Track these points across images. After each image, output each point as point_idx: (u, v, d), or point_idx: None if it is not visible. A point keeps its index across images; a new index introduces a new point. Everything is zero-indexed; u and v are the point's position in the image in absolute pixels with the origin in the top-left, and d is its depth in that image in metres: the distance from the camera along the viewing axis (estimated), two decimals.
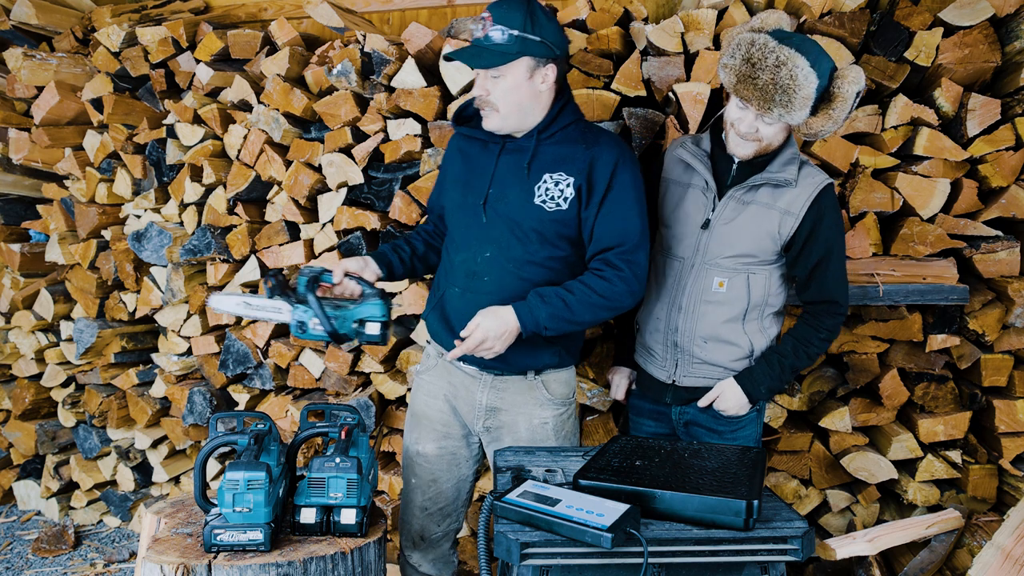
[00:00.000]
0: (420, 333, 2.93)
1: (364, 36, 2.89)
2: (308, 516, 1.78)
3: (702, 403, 2.09)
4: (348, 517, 1.78)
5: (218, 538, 1.66)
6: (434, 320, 2.14)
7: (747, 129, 1.91)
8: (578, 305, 1.92)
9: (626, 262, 1.94)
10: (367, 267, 2.08)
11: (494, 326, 1.89)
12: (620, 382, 2.34)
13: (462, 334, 1.92)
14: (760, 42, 1.83)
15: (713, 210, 2.02)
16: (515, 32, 1.88)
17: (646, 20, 2.73)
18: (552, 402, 2.10)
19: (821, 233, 1.95)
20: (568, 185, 1.96)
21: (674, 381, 2.12)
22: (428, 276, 2.69)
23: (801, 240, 1.96)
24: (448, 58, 1.97)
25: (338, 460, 1.79)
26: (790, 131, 1.96)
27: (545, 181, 1.97)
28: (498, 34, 1.89)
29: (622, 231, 1.95)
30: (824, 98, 1.85)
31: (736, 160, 2.00)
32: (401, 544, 2.29)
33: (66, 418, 3.59)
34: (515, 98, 1.93)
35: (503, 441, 2.12)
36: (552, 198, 1.96)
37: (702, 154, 2.07)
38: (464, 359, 2.06)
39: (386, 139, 2.88)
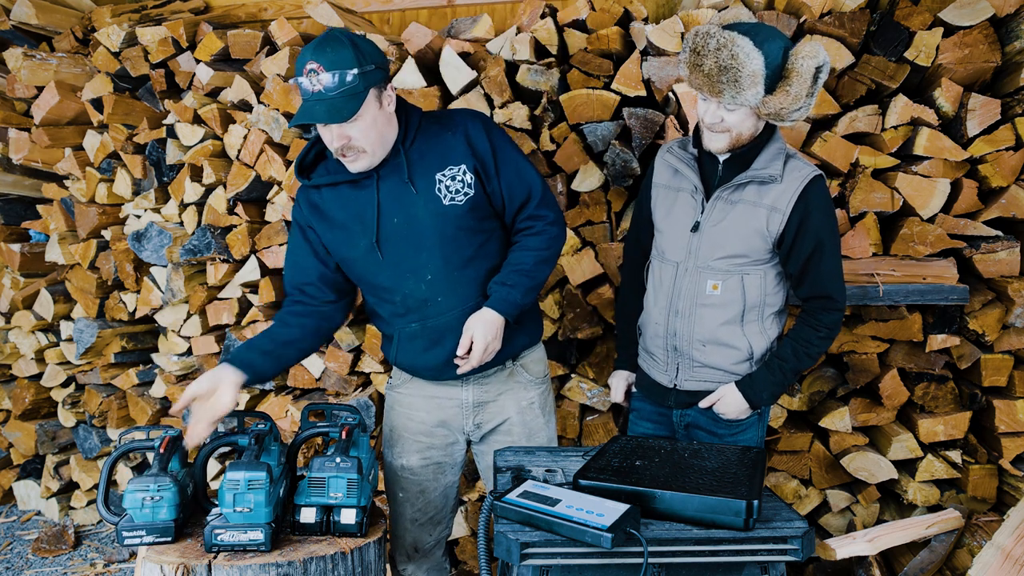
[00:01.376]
0: None
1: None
2: (308, 516, 1.78)
3: (703, 404, 2.08)
4: (348, 517, 1.78)
5: (218, 538, 1.66)
6: (404, 359, 2.08)
7: (712, 119, 1.92)
8: (535, 269, 1.98)
9: (546, 207, 2.03)
10: (222, 385, 1.81)
11: (487, 330, 1.91)
12: (619, 385, 2.34)
13: (459, 351, 1.92)
14: (703, 31, 1.85)
15: (702, 212, 2.03)
16: (355, 71, 1.78)
17: (646, 20, 2.73)
18: (533, 382, 2.15)
19: (810, 227, 1.94)
20: (464, 171, 1.95)
21: (676, 385, 2.12)
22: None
23: (791, 236, 1.96)
24: (301, 124, 1.83)
25: (338, 460, 1.79)
26: (759, 118, 1.95)
27: (441, 181, 1.94)
28: (335, 79, 1.76)
29: (526, 183, 2.01)
30: (781, 76, 1.85)
31: (721, 160, 2.01)
32: (395, 559, 2.28)
33: (66, 418, 3.59)
34: (376, 132, 1.86)
35: (497, 431, 2.13)
36: (458, 191, 1.94)
37: (688, 157, 2.08)
38: (442, 374, 2.06)
39: None
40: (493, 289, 1.96)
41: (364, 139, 1.84)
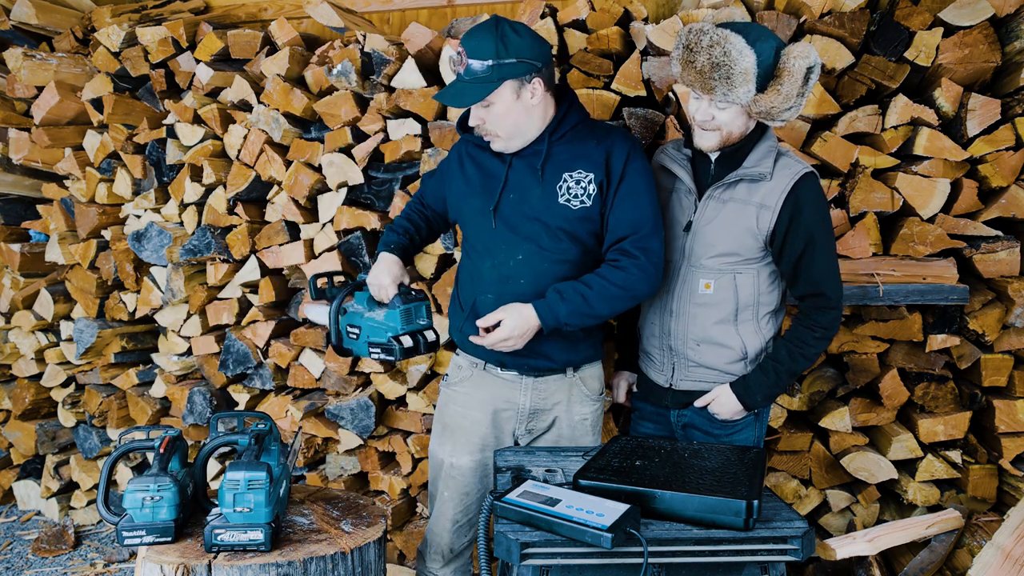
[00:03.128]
0: None
1: (364, 36, 2.89)
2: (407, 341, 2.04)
3: (698, 404, 2.09)
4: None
5: (218, 538, 1.66)
6: (470, 331, 2.07)
7: (703, 117, 1.93)
8: (597, 299, 1.95)
9: (641, 249, 1.97)
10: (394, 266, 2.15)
11: (517, 324, 1.93)
12: (620, 384, 2.36)
13: (480, 323, 1.96)
14: (696, 28, 1.87)
15: (695, 212, 2.03)
16: (489, 62, 1.90)
17: (646, 20, 2.73)
18: (590, 398, 2.15)
19: (801, 223, 1.94)
20: (590, 182, 1.99)
21: (672, 385, 2.12)
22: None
23: (781, 233, 1.96)
24: (438, 99, 2.01)
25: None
26: (750, 117, 1.95)
27: (565, 180, 2.00)
28: (472, 65, 1.92)
29: (635, 220, 1.98)
30: (773, 76, 1.86)
31: (713, 159, 2.01)
32: (425, 559, 2.26)
33: (66, 418, 3.59)
34: (509, 121, 1.97)
35: (546, 441, 2.14)
36: (576, 196, 1.99)
37: (682, 158, 2.09)
38: (503, 364, 2.10)
39: (386, 139, 2.88)
40: (548, 294, 1.96)
41: (496, 124, 1.97)
